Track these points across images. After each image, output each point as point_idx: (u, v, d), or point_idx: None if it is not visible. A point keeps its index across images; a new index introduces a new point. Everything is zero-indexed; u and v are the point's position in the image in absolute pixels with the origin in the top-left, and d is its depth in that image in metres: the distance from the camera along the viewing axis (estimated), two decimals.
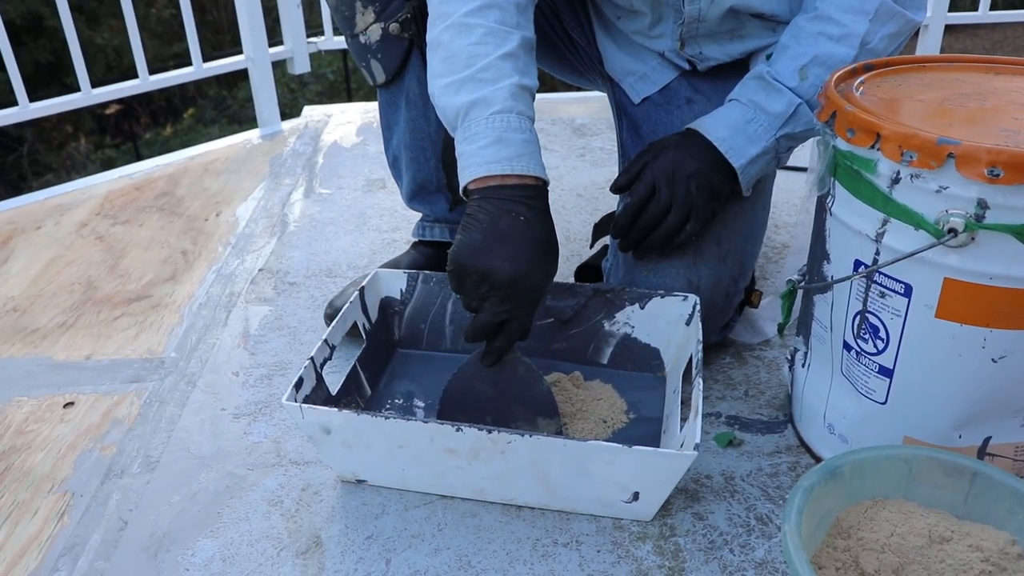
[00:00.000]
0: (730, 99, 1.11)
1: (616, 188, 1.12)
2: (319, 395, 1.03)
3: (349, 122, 2.34)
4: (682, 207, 1.07)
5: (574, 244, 1.60)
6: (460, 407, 1.05)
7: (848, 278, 0.93)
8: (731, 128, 1.08)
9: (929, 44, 2.46)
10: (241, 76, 2.36)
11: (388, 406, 1.15)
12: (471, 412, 1.05)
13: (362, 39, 1.23)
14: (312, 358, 1.02)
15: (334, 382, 1.08)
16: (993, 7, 2.49)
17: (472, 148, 0.97)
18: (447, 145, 1.29)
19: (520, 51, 1.01)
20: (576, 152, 2.08)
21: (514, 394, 1.06)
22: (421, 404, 1.16)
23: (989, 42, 8.50)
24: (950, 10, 2.49)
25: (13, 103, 1.99)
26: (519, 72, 0.99)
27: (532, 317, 0.99)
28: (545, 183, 0.99)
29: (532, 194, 0.97)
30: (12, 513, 1.02)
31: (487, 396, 1.05)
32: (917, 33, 2.49)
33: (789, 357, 1.12)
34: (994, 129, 0.84)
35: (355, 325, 1.16)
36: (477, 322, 0.97)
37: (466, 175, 0.97)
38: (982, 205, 0.79)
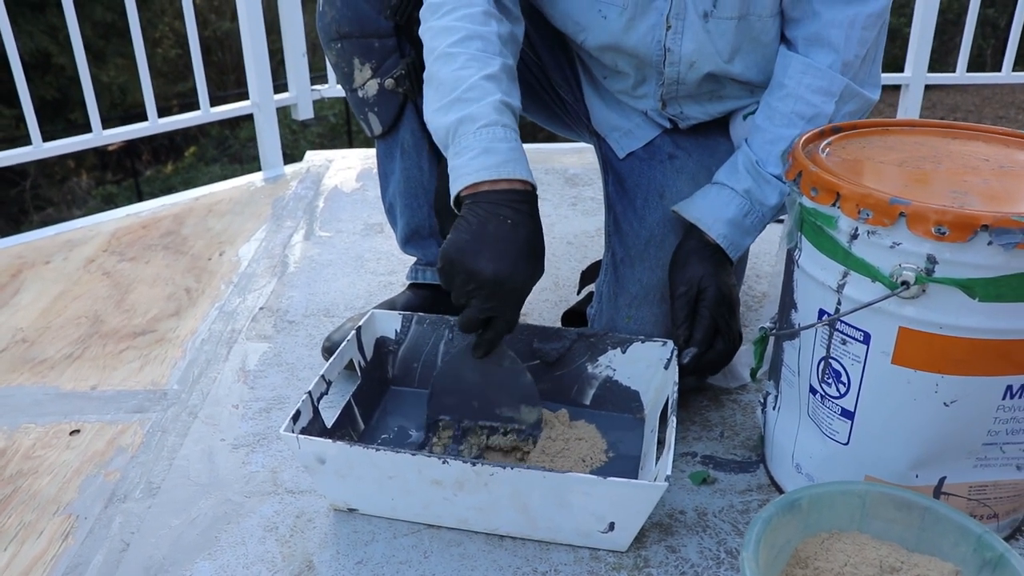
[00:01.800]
0: (722, 184, 1.18)
1: (687, 343, 1.16)
2: (315, 427, 1.08)
3: (349, 167, 2.42)
4: (738, 335, 1.19)
5: (563, 290, 1.67)
6: (449, 392, 1.15)
7: (813, 325, 0.99)
8: (730, 224, 1.17)
9: (910, 103, 2.56)
10: (244, 117, 2.44)
11: (381, 440, 1.21)
12: (459, 398, 1.14)
13: (360, 93, 1.31)
14: (310, 392, 1.08)
15: (330, 417, 1.14)
16: (979, 66, 2.59)
17: (462, 161, 1.03)
18: (439, 193, 1.36)
19: (502, 75, 1.07)
20: (568, 201, 2.16)
21: (499, 383, 1.14)
22: (412, 439, 1.21)
23: (979, 98, 8.66)
24: (934, 70, 2.59)
25: (18, 139, 2.06)
26: (502, 91, 1.06)
27: (517, 314, 1.06)
28: (533, 187, 1.05)
29: (519, 198, 1.02)
30: (19, 533, 1.07)
31: (474, 384, 1.14)
32: (899, 90, 2.59)
33: (762, 400, 1.18)
34: (944, 190, 0.91)
35: (351, 362, 1.22)
36: (465, 315, 1.03)
37: (457, 185, 1.03)
38: (931, 260, 0.85)
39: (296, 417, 1.04)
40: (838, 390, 0.99)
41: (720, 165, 1.23)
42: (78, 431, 1.27)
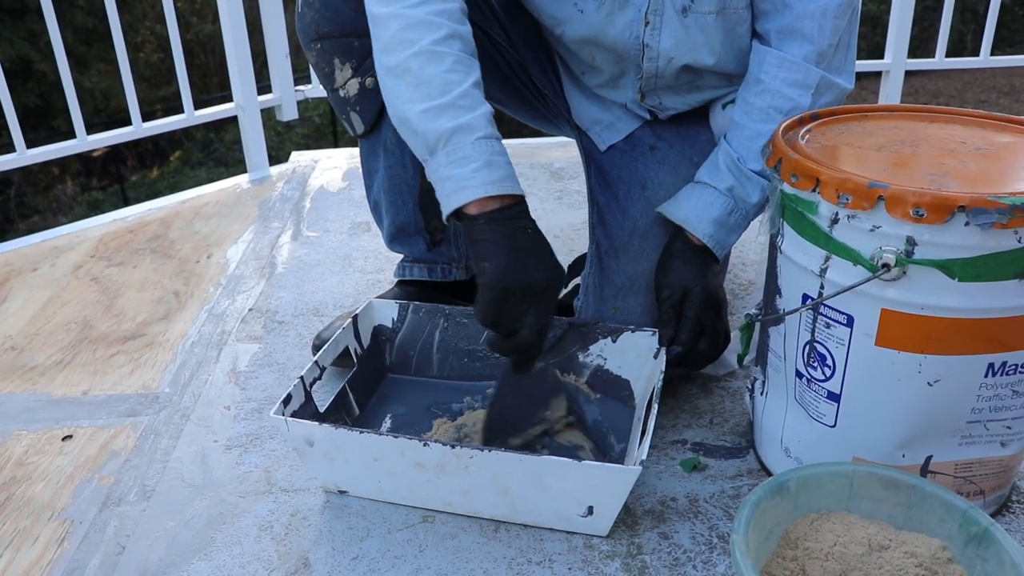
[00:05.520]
0: (705, 183, 1.19)
1: (669, 342, 1.18)
2: (307, 411, 1.10)
3: (335, 167, 2.42)
4: (725, 335, 1.20)
5: None
6: (500, 429, 1.15)
7: (797, 310, 1.00)
8: (715, 224, 1.17)
9: (890, 89, 2.58)
10: (228, 119, 2.44)
11: (380, 426, 1.23)
12: (511, 426, 1.16)
13: (341, 93, 1.31)
14: (302, 377, 1.10)
15: (326, 403, 1.16)
16: (959, 50, 2.61)
17: (463, 171, 1.02)
18: (423, 190, 1.37)
19: (481, 80, 1.08)
20: (554, 195, 2.17)
21: (533, 390, 1.17)
22: (407, 425, 1.23)
23: (960, 83, 8.72)
24: (915, 56, 2.61)
25: (5, 147, 2.05)
26: (486, 101, 1.07)
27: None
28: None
29: (523, 210, 1.05)
30: (14, 540, 1.07)
31: (518, 405, 1.16)
32: (879, 76, 2.61)
33: (750, 386, 1.20)
34: (922, 173, 0.93)
35: (349, 354, 1.24)
36: (520, 339, 1.03)
37: (461, 196, 1.02)
38: (911, 242, 0.87)
39: (287, 401, 1.06)
40: (824, 373, 1.00)
41: (701, 155, 1.24)
42: (70, 436, 1.27)
